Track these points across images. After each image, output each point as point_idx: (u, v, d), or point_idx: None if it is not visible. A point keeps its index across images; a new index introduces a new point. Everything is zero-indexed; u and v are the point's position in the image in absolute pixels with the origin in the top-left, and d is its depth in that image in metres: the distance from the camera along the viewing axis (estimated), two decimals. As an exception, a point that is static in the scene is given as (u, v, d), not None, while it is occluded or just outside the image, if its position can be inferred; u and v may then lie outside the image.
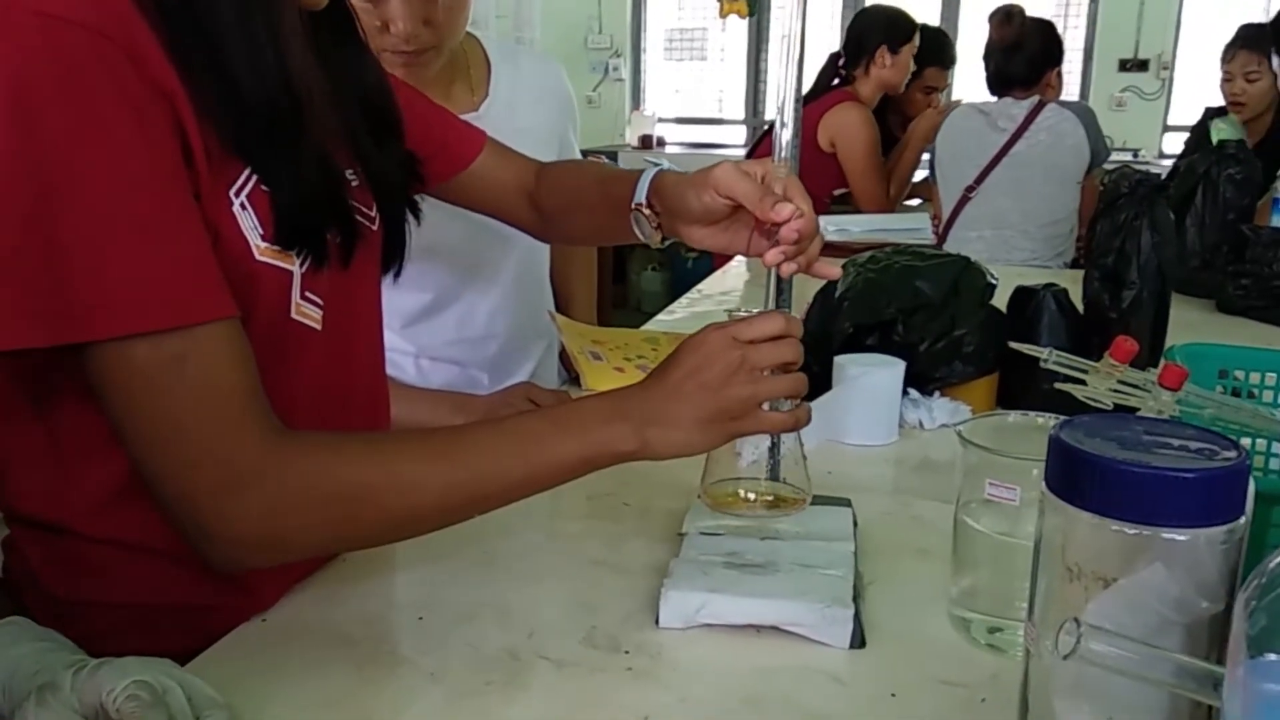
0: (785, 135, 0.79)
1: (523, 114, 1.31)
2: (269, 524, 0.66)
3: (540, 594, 0.81)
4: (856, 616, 0.73)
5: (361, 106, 0.86)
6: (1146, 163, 4.74)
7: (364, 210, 0.84)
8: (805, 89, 3.05)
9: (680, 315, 1.83)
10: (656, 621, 0.75)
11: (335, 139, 0.81)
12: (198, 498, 0.65)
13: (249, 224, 0.70)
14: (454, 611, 0.78)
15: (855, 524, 0.89)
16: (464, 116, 1.21)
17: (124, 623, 0.75)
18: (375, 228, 0.85)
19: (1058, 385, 0.83)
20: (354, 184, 0.83)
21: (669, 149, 5.64)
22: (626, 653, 0.72)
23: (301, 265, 0.74)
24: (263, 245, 0.71)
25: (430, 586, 0.81)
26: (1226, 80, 2.82)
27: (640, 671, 0.70)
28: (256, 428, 0.66)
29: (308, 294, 0.75)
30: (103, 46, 0.61)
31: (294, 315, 0.75)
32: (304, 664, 0.70)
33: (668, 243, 0.93)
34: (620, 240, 1.00)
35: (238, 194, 0.69)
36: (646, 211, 0.89)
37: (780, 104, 0.79)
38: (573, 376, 1.35)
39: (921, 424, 1.18)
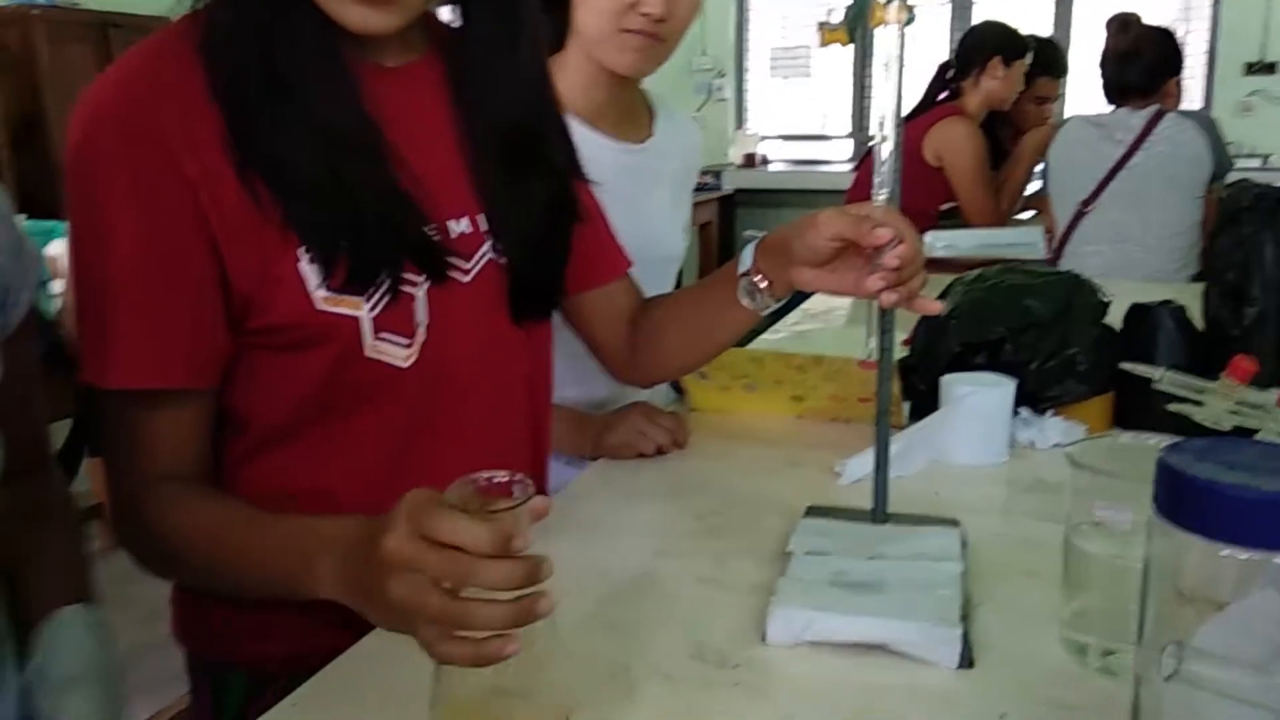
0: (885, 161, 0.80)
1: (671, 160, 1.39)
2: (135, 550, 0.82)
3: (649, 609, 0.83)
4: (965, 636, 0.73)
5: (498, 145, 0.88)
6: (1276, 169, 4.52)
7: (460, 256, 0.85)
8: (911, 102, 3.05)
9: (784, 335, 1.84)
10: (764, 638, 0.76)
11: (445, 184, 0.85)
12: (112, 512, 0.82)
13: (314, 277, 0.78)
14: (567, 624, 0.81)
15: (964, 544, 0.89)
16: (629, 147, 1.29)
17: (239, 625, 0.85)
18: (468, 279, 0.86)
19: (1170, 407, 0.81)
20: (466, 232, 0.86)
21: (772, 167, 5.64)
22: (735, 667, 0.74)
23: (372, 310, 0.80)
24: (325, 295, 0.78)
25: (545, 600, 0.85)
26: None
27: (748, 686, 0.71)
28: (152, 481, 0.79)
29: (384, 335, 0.81)
30: (126, 144, 0.73)
31: (369, 355, 0.81)
32: (420, 671, 0.74)
33: (770, 309, 0.95)
34: (712, 343, 1.04)
35: (308, 246, 0.77)
36: (756, 277, 0.92)
37: (880, 130, 0.81)
38: (681, 394, 1.38)
39: (1034, 444, 1.17)
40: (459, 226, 0.86)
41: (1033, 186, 3.00)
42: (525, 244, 0.90)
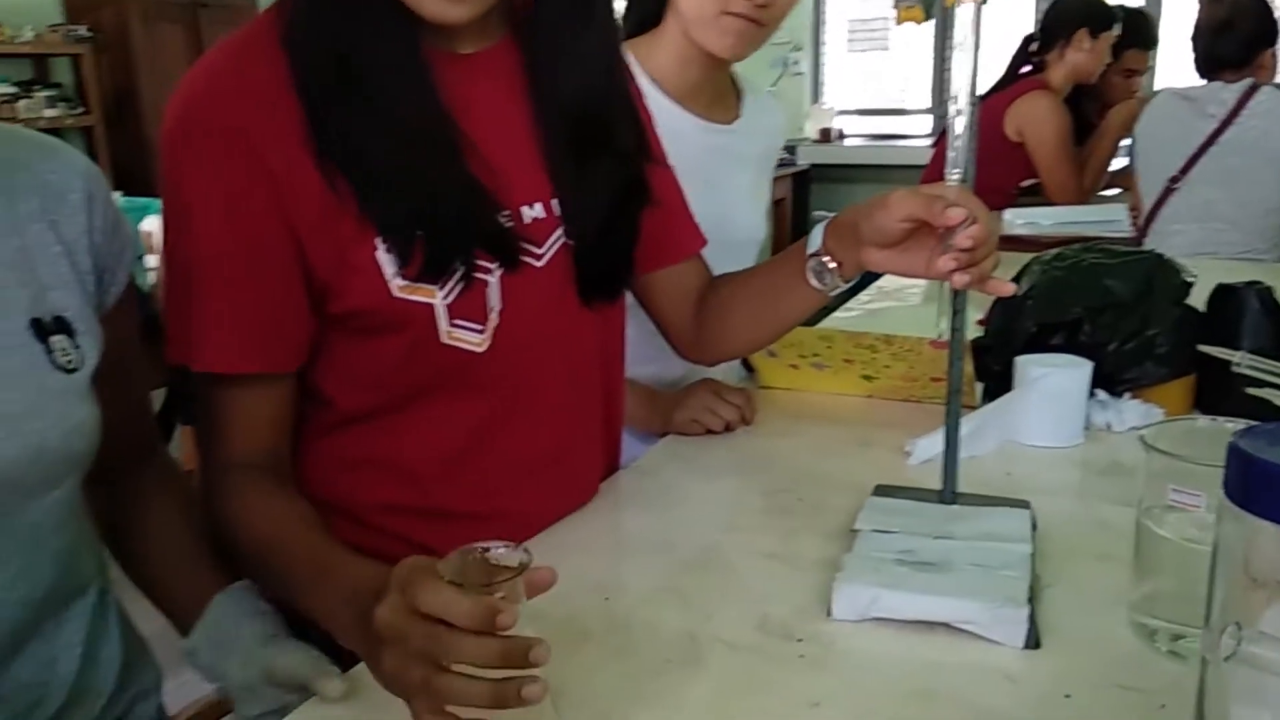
0: (959, 139, 0.80)
1: (756, 141, 1.40)
2: (210, 524, 0.85)
3: (717, 583, 0.85)
4: (1031, 617, 0.73)
5: (569, 130, 0.89)
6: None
7: (533, 242, 0.87)
8: (994, 76, 2.97)
9: (857, 313, 1.83)
10: (829, 613, 0.77)
11: (519, 170, 0.87)
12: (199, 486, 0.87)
13: (390, 265, 0.80)
14: (636, 595, 0.83)
15: (1034, 526, 0.89)
16: (718, 127, 1.31)
17: None
18: (541, 264, 0.88)
19: (1249, 391, 0.80)
20: (539, 218, 0.87)
21: (849, 141, 5.56)
22: (799, 641, 0.75)
23: (446, 297, 0.82)
24: (401, 283, 0.80)
25: (615, 571, 0.87)
26: None
27: (812, 659, 0.73)
28: (230, 468, 0.83)
29: (458, 321, 0.83)
30: (211, 138, 0.77)
31: (446, 341, 0.83)
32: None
33: (839, 289, 0.95)
34: (778, 323, 1.05)
35: (385, 236, 0.79)
36: (825, 258, 0.93)
37: (955, 111, 0.80)
38: (751, 372, 1.39)
39: (1110, 426, 1.15)
40: (532, 212, 0.88)
41: (1119, 163, 2.92)
42: (594, 228, 0.91)
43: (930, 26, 5.31)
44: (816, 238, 0.94)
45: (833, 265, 0.93)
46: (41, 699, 0.73)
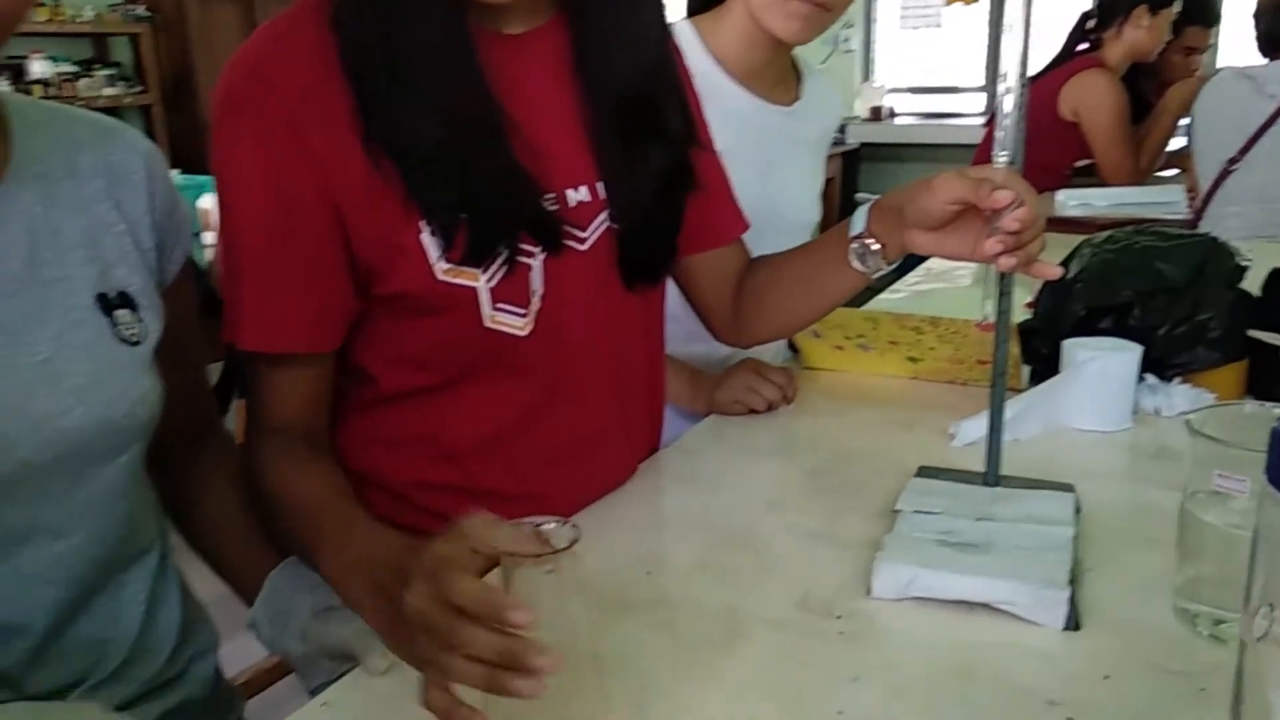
0: (1008, 119, 0.79)
1: (814, 124, 1.40)
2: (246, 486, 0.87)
3: (758, 559, 0.86)
4: (1072, 599, 0.74)
5: (616, 113, 0.88)
6: None
7: (577, 225, 0.87)
8: (1050, 54, 2.91)
9: (904, 294, 1.82)
10: (869, 592, 0.78)
11: (564, 152, 0.87)
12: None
13: (434, 248, 0.80)
14: (678, 570, 0.85)
15: (1078, 510, 0.89)
16: (778, 109, 1.31)
17: None
18: (585, 247, 0.88)
19: (1299, 376, 0.79)
20: (584, 200, 0.88)
21: (899, 120, 5.49)
22: (839, 618, 0.76)
23: (489, 281, 0.82)
24: (445, 266, 0.81)
25: (658, 547, 0.89)
26: None
27: (851, 636, 0.74)
28: (266, 431, 0.85)
29: (501, 305, 0.84)
30: (255, 120, 0.77)
31: (489, 324, 0.84)
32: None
33: (882, 272, 0.94)
34: (818, 305, 1.05)
35: (429, 219, 0.80)
36: (869, 240, 0.93)
37: (1004, 90, 0.80)
38: (796, 353, 1.39)
39: (1159, 411, 1.14)
40: (577, 195, 0.87)
41: (1176, 143, 2.86)
42: (638, 212, 0.90)
43: (983, 3, 5.23)
44: (860, 220, 0.94)
45: (876, 247, 0.93)
46: (104, 655, 0.77)
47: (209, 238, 2.23)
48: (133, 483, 0.77)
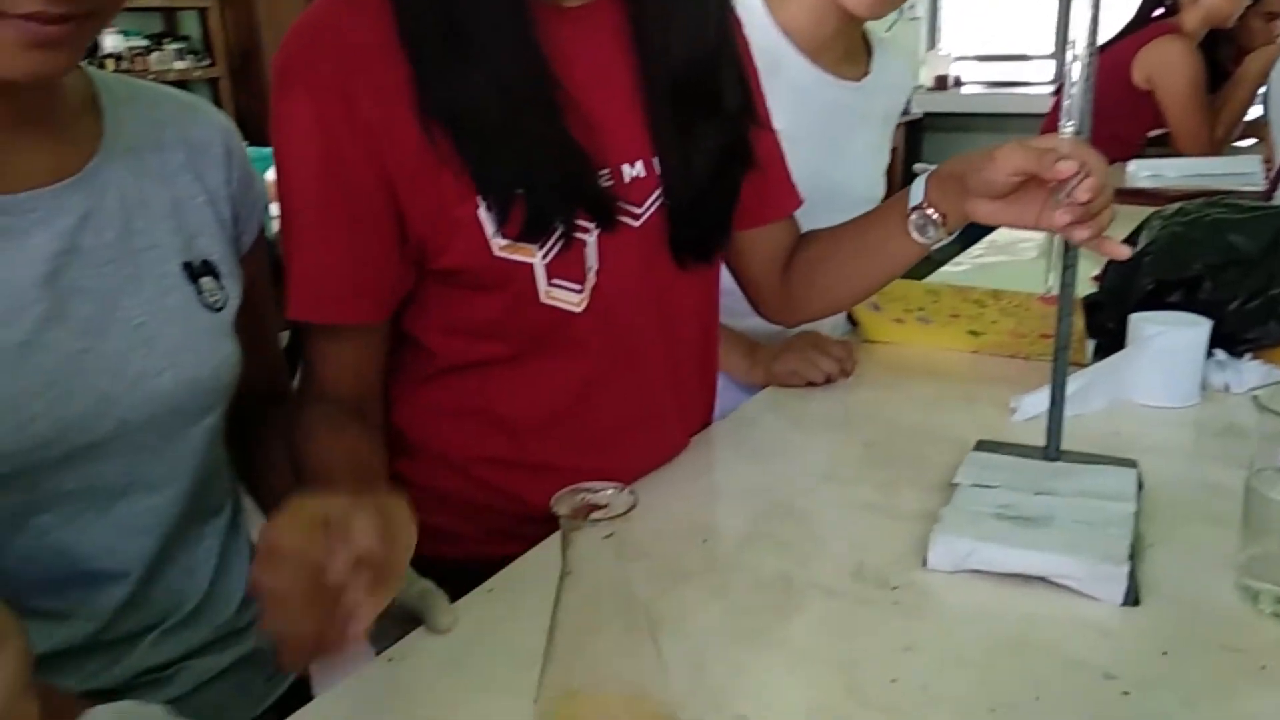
0: (1075, 87, 0.78)
1: (882, 99, 1.38)
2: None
3: (814, 530, 0.87)
4: (1131, 574, 0.73)
5: (673, 88, 0.88)
6: None
7: (632, 202, 0.87)
8: (1125, 18, 2.82)
9: (967, 267, 1.80)
10: (924, 564, 0.78)
11: (620, 128, 0.87)
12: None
13: (490, 224, 0.81)
14: (735, 538, 0.86)
15: (1140, 486, 0.88)
16: (847, 84, 1.30)
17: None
18: (639, 224, 0.88)
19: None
20: (639, 176, 0.87)
21: (966, 89, 5.39)
22: (894, 588, 0.76)
23: (545, 257, 0.83)
24: (502, 242, 0.81)
25: (714, 515, 0.90)
26: None
27: (906, 607, 0.74)
28: (314, 399, 0.87)
29: (556, 281, 0.84)
30: (310, 92, 0.78)
31: (544, 300, 0.85)
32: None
33: (942, 242, 0.94)
34: (873, 278, 1.04)
35: (485, 195, 0.80)
36: (929, 210, 0.92)
37: (1072, 58, 0.78)
38: (855, 326, 1.39)
39: (1228, 387, 1.12)
40: (633, 171, 0.87)
41: (1254, 112, 2.76)
42: (693, 189, 0.90)
43: (1056, -32, 5.09)
44: (919, 190, 0.94)
45: (936, 217, 0.93)
46: (182, 602, 0.81)
47: (275, 209, 2.27)
48: (214, 443, 0.81)
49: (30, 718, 0.40)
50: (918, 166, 0.98)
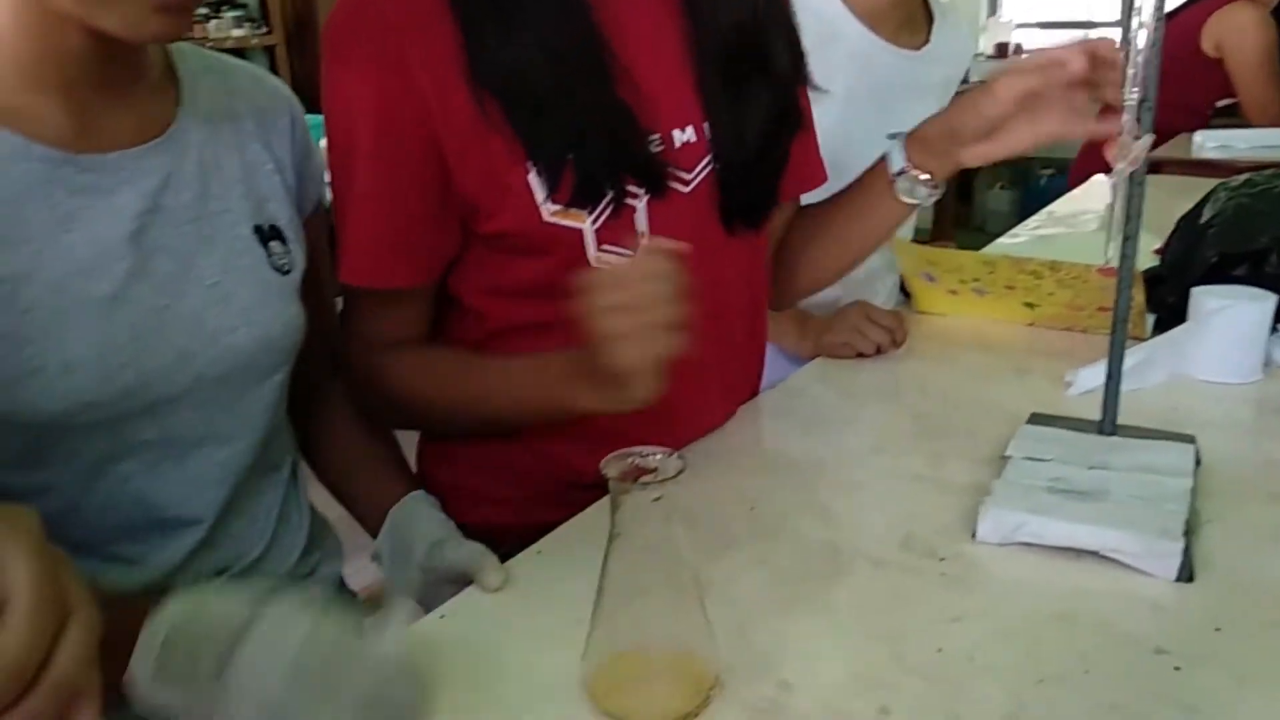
0: (1140, 55, 0.76)
1: (940, 70, 1.36)
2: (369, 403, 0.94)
3: (862, 500, 0.87)
4: (1186, 550, 0.72)
5: (724, 53, 0.88)
6: None
7: (682, 167, 0.87)
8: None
9: (1024, 239, 1.77)
10: (973, 536, 0.78)
11: (670, 93, 0.86)
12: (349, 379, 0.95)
13: (541, 190, 0.81)
14: (782, 507, 0.86)
15: (1198, 462, 0.86)
16: (905, 53, 1.29)
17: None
18: (688, 189, 0.88)
19: None
20: (690, 142, 0.87)
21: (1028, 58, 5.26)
22: (942, 559, 0.76)
23: (595, 223, 0.83)
24: (552, 208, 0.82)
25: (762, 482, 0.90)
26: None
27: (954, 578, 0.74)
28: (375, 351, 0.90)
29: (607, 246, 0.85)
30: (364, 59, 0.78)
31: (594, 265, 0.85)
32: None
33: (931, 198, 0.95)
34: (860, 250, 1.06)
35: (535, 160, 0.80)
36: (912, 171, 0.93)
37: (1138, 25, 0.76)
38: (908, 297, 1.37)
39: (1292, 364, 1.09)
40: (683, 136, 0.87)
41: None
42: (744, 154, 0.90)
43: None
44: (898, 156, 0.95)
45: (924, 177, 0.94)
46: (247, 550, 0.85)
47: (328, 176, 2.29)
48: (280, 401, 0.84)
49: (97, 685, 0.42)
50: (891, 135, 0.98)
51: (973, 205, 5.08)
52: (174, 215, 0.73)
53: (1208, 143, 2.44)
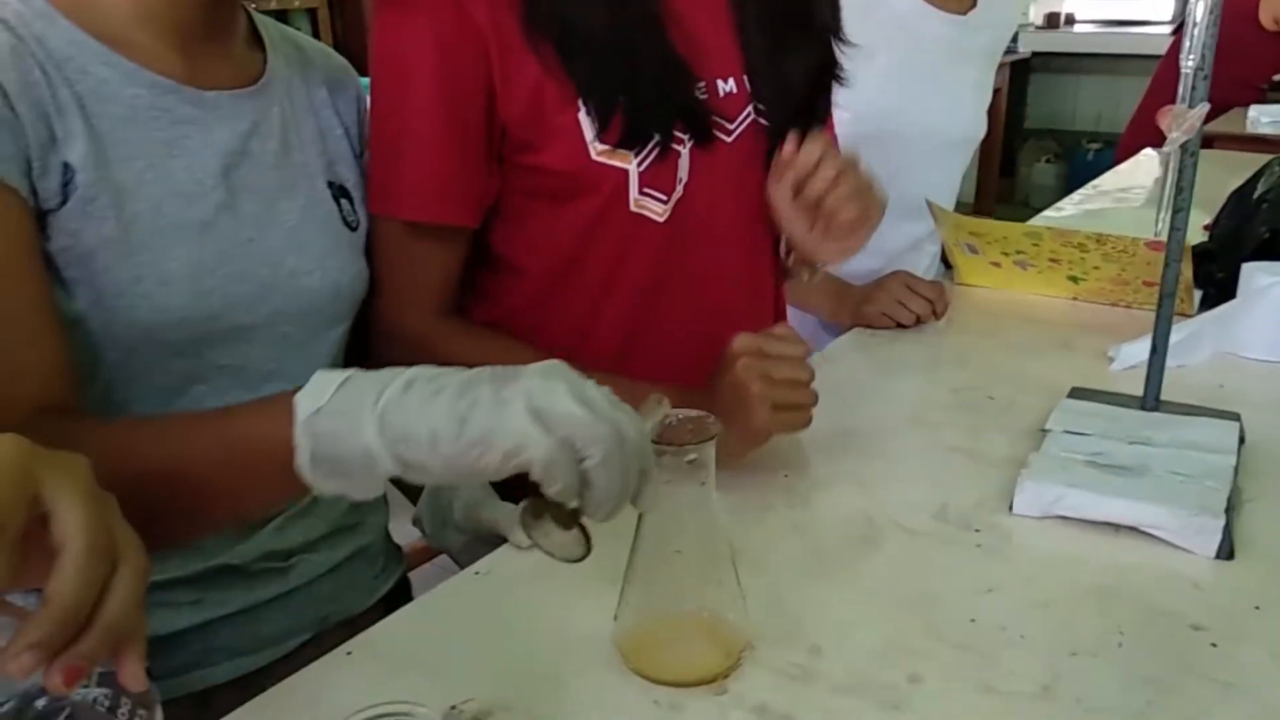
0: (1198, 30, 0.74)
1: (986, 35, 1.35)
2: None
3: (898, 471, 0.86)
4: (1227, 528, 0.71)
5: (766, 6, 0.89)
6: None
7: (725, 117, 0.88)
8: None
9: (1070, 212, 1.74)
10: (1010, 508, 0.78)
11: (715, 43, 0.87)
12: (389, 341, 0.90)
13: (590, 129, 0.82)
14: (816, 475, 0.86)
15: (1242, 440, 0.85)
16: (951, 18, 1.28)
17: None
18: (730, 139, 0.89)
19: None
20: (732, 92, 0.89)
21: (1079, 28, 5.14)
22: (977, 531, 0.76)
23: (640, 165, 0.84)
24: (600, 147, 0.83)
25: (796, 452, 0.90)
26: None
27: (989, 549, 0.73)
28: (427, 310, 0.89)
29: (647, 190, 0.86)
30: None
31: (633, 209, 0.87)
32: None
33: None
34: None
35: (586, 101, 0.82)
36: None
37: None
38: (950, 269, 1.36)
39: (1345, 343, 1.07)
40: (726, 86, 0.89)
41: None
42: (786, 106, 0.91)
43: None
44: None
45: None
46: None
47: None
48: (341, 350, 0.86)
49: (143, 629, 0.43)
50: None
51: (1016, 179, 4.99)
52: (260, 159, 0.77)
53: (1262, 117, 2.38)
